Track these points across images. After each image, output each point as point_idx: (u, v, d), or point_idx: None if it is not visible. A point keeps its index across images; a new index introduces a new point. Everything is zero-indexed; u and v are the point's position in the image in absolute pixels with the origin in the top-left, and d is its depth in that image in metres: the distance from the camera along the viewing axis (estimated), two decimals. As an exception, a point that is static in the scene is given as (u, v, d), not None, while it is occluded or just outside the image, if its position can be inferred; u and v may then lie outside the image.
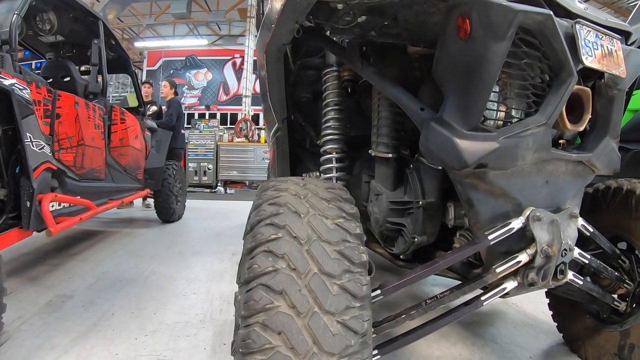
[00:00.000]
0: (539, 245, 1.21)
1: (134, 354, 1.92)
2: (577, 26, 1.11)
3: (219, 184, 9.80)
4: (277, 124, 2.01)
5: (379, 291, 1.16)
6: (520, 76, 1.13)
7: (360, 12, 1.31)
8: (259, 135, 10.52)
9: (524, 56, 1.10)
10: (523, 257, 1.22)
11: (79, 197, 2.89)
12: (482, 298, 1.25)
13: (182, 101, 6.50)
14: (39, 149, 2.43)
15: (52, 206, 2.58)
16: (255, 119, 11.47)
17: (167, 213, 5.00)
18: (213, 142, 9.95)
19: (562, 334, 2.11)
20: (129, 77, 4.76)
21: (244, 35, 13.31)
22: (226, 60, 15.56)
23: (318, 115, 1.98)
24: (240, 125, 10.58)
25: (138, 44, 15.42)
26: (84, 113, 2.97)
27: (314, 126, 2.14)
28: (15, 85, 2.18)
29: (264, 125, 8.09)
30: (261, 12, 1.72)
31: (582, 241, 1.56)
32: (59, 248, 3.74)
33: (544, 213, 1.22)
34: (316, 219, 0.97)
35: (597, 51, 1.12)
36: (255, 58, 11.92)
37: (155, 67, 15.58)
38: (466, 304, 1.28)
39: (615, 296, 1.73)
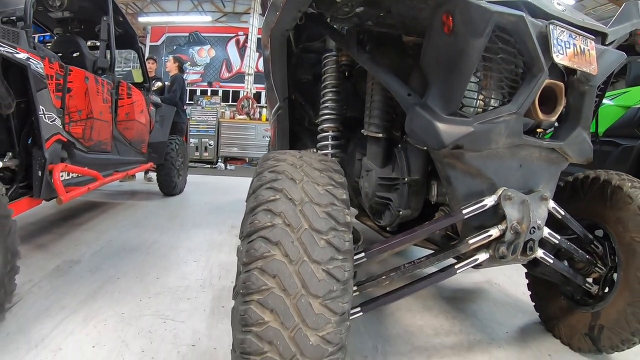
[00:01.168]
0: (509, 222, 1.35)
1: (139, 314, 2.07)
2: (551, 26, 1.22)
3: (219, 160, 9.94)
4: (278, 103, 2.16)
5: (363, 254, 1.30)
6: (496, 69, 1.26)
7: (358, 3, 1.42)
8: (260, 113, 10.60)
9: (500, 51, 1.23)
10: (494, 232, 1.36)
11: (86, 168, 3.02)
12: (456, 267, 1.39)
13: (185, 77, 6.60)
14: (51, 121, 2.54)
15: (62, 176, 2.71)
16: (257, 97, 11.53)
17: (169, 186, 5.14)
18: (215, 119, 10.04)
19: (538, 314, 2.24)
20: (133, 53, 4.85)
21: (249, 13, 13.25)
22: (230, 38, 15.51)
23: (317, 96, 2.09)
24: (242, 103, 10.67)
25: (142, 19, 15.32)
26: (93, 87, 3.08)
27: (313, 106, 2.25)
28: (31, 60, 2.28)
29: (265, 103, 8.18)
30: None
31: (558, 226, 1.70)
32: (64, 218, 3.88)
33: (515, 193, 1.36)
34: (309, 184, 1.10)
35: (569, 50, 1.23)
36: (259, 36, 11.94)
37: (159, 43, 15.52)
38: (441, 270, 1.42)
39: (591, 280, 1.86)
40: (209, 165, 9.67)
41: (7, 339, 1.74)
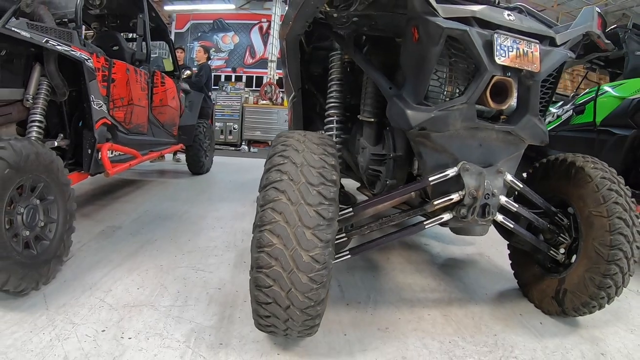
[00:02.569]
0: (467, 189, 1.71)
1: (174, 266, 2.52)
2: (495, 35, 1.57)
3: (243, 143, 10.38)
4: (293, 92, 2.55)
5: (351, 209, 1.70)
6: (452, 69, 1.61)
7: (352, 16, 1.79)
8: (282, 98, 10.95)
9: (453, 56, 1.58)
10: (455, 196, 1.73)
11: (127, 147, 3.48)
12: (425, 223, 1.78)
13: (210, 63, 7.05)
14: (99, 107, 2.97)
15: (108, 153, 3.17)
16: (279, 82, 11.88)
17: (197, 166, 5.63)
18: (239, 104, 10.46)
19: (517, 280, 2.51)
20: (165, 44, 5.26)
21: (271, 0, 13.55)
22: (253, 24, 15.79)
23: (326, 87, 2.47)
24: (265, 89, 11.07)
25: (167, 8, 15.70)
26: (133, 77, 3.52)
27: (323, 95, 2.61)
28: (83, 56, 2.71)
29: (284, 92, 8.59)
30: None
31: (527, 202, 2.05)
32: (103, 192, 4.36)
33: (473, 166, 1.72)
34: (307, 153, 1.52)
35: (511, 53, 1.57)
36: (281, 22, 12.25)
37: (184, 30, 15.87)
38: (413, 225, 1.81)
39: (559, 250, 2.14)
40: (233, 148, 10.13)
41: (64, 284, 2.18)
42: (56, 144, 2.83)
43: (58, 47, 2.49)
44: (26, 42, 2.32)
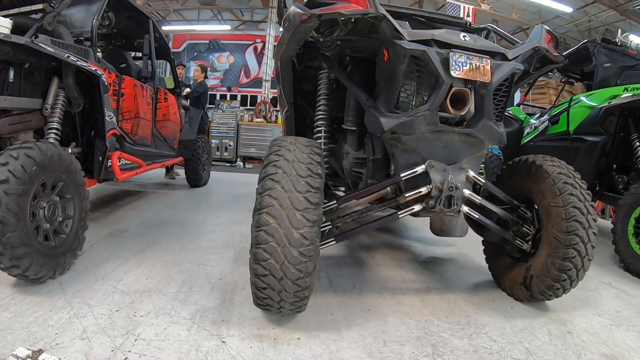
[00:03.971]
0: (434, 183, 2.01)
1: (179, 261, 2.78)
2: (451, 53, 1.87)
3: (238, 159, 10.67)
4: (287, 107, 2.85)
5: (335, 202, 1.99)
6: (415, 84, 1.93)
7: (335, 41, 2.11)
8: (276, 116, 11.30)
9: (418, 72, 1.90)
10: (424, 190, 2.02)
11: (133, 156, 3.75)
12: (399, 213, 2.07)
13: (205, 81, 7.39)
14: (110, 119, 3.23)
15: (117, 161, 3.44)
16: (273, 101, 12.23)
17: (195, 178, 5.90)
18: (234, 122, 10.76)
19: (490, 272, 2.75)
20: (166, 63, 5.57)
21: (265, 22, 14.00)
22: (248, 45, 16.30)
23: (315, 102, 2.77)
24: (260, 107, 11.43)
25: (165, 28, 16.14)
26: (140, 93, 3.81)
27: (313, 109, 2.90)
28: (98, 72, 3.00)
29: (279, 107, 8.94)
30: (282, 1, 2.27)
31: (496, 199, 2.34)
32: (108, 201, 4.60)
33: (438, 164, 2.02)
34: (298, 152, 1.81)
35: (465, 67, 1.87)
36: (275, 44, 12.67)
37: (180, 49, 16.31)
38: (388, 215, 2.10)
39: (527, 241, 2.39)
40: (229, 164, 10.41)
41: (78, 275, 2.42)
42: (70, 151, 3.09)
43: (78, 62, 2.77)
44: (48, 57, 2.59)
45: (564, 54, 4.93)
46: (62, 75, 2.86)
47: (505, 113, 5.27)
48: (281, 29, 2.27)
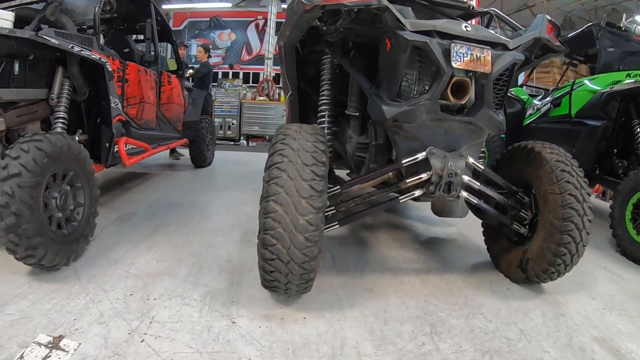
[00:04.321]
0: (434, 169, 2.07)
1: (188, 244, 2.88)
2: (452, 44, 1.90)
3: (242, 138, 10.71)
4: (290, 91, 2.89)
5: (339, 187, 2.06)
6: (417, 73, 1.97)
7: (338, 29, 2.14)
8: (279, 94, 11.26)
9: (417, 63, 1.93)
10: (424, 176, 2.09)
11: (139, 141, 3.82)
12: (400, 198, 2.14)
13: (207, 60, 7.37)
14: (115, 105, 3.29)
15: (124, 147, 3.50)
16: (276, 79, 12.18)
17: (200, 159, 5.98)
18: (237, 100, 10.75)
19: (489, 254, 2.83)
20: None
21: (267, -2, 13.85)
22: (249, 22, 16.09)
23: (319, 86, 2.81)
24: (263, 85, 11.39)
25: (165, 7, 15.86)
26: (144, 78, 3.85)
27: (316, 93, 2.94)
28: (102, 60, 3.04)
29: (282, 91, 8.96)
30: None
31: (495, 184, 2.40)
32: (114, 184, 4.67)
33: (438, 151, 2.08)
34: (303, 141, 1.87)
35: (466, 58, 1.91)
36: (278, 20, 12.53)
37: (181, 28, 16.09)
38: (390, 200, 2.17)
39: (527, 227, 2.44)
40: (232, 143, 10.45)
41: (91, 260, 2.52)
42: (77, 138, 3.15)
43: (82, 52, 2.80)
44: (53, 48, 2.62)
45: (568, 36, 4.93)
46: (66, 64, 2.89)
47: (509, 94, 5.32)
48: (283, 6, 2.30)
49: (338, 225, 2.16)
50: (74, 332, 1.78)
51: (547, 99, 4.96)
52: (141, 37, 5.20)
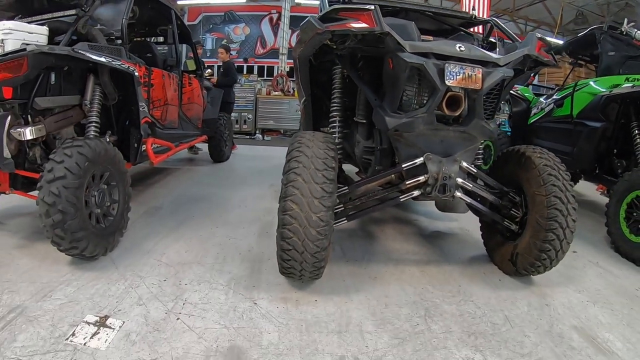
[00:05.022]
0: (430, 172, 2.34)
1: (212, 235, 3.20)
2: (446, 64, 2.15)
3: (257, 132, 11.02)
4: (304, 97, 3.17)
5: (347, 187, 2.36)
6: (415, 89, 2.23)
7: (346, 47, 2.40)
8: (293, 89, 11.51)
9: (416, 80, 2.20)
10: (422, 178, 2.37)
11: (164, 140, 4.13)
12: (400, 197, 2.43)
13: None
14: (142, 108, 3.58)
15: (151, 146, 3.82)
16: (290, 73, 12.42)
17: (218, 154, 6.31)
18: (252, 95, 11.02)
19: (485, 247, 3.07)
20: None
21: (282, -8, 14.03)
22: (263, 16, 16.31)
23: (331, 92, 3.06)
24: (277, 80, 11.68)
25: (180, 2, 16.04)
26: (167, 81, 4.16)
27: (328, 98, 3.19)
28: (131, 68, 3.33)
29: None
30: None
31: (490, 186, 2.66)
32: (139, 179, 4.99)
33: (434, 156, 2.35)
34: (315, 148, 2.17)
35: (458, 76, 2.15)
36: (292, 14, 12.76)
37: (196, 22, 16.30)
38: (391, 198, 2.46)
39: (518, 224, 2.68)
40: (248, 137, 10.76)
41: (125, 251, 2.84)
42: (107, 139, 3.45)
43: (113, 62, 3.09)
44: (87, 60, 2.88)
45: (571, 39, 5.09)
46: (97, 72, 3.15)
47: (514, 93, 5.52)
48: (297, 0, 2.53)
49: (346, 221, 2.47)
50: (118, 312, 2.10)
51: (551, 99, 5.14)
52: (161, 39, 5.51)
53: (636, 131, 3.86)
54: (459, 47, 2.23)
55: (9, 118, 2.60)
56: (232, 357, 1.79)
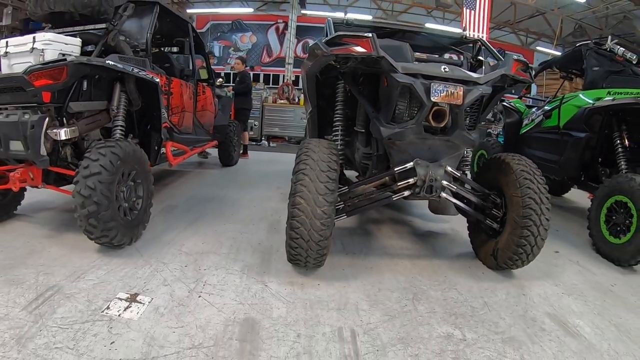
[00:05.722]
0: (418, 175, 2.70)
1: (225, 230, 3.54)
2: (432, 83, 2.50)
3: (263, 138, 11.42)
4: (311, 108, 3.53)
5: (347, 187, 2.72)
6: (406, 103, 2.59)
7: (348, 67, 2.75)
8: (298, 97, 11.93)
9: (407, 96, 2.56)
10: (411, 180, 2.72)
11: (181, 144, 4.50)
12: (393, 196, 2.78)
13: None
14: (163, 114, 3.96)
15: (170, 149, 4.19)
16: (296, 82, 12.85)
17: (228, 159, 6.69)
18: (259, 103, 11.41)
19: (472, 245, 3.38)
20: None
21: (287, 2, 14.46)
22: (270, 25, 16.80)
23: (334, 104, 3.42)
24: (283, 89, 12.09)
25: (189, 10, 16.54)
26: (184, 90, 4.54)
27: (332, 109, 3.53)
28: (155, 79, 3.68)
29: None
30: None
31: (477, 191, 3.00)
32: (155, 181, 5.20)
33: (422, 162, 2.70)
34: (320, 154, 2.53)
35: (442, 94, 2.50)
36: (298, 24, 13.19)
37: (204, 30, 16.76)
38: (385, 197, 2.82)
39: (499, 223, 3.00)
40: (254, 143, 11.14)
41: (148, 242, 3.18)
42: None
43: (140, 73, 3.46)
44: (117, 70, 3.22)
45: (560, 55, 5.43)
46: (123, 81, 3.47)
47: (508, 105, 5.88)
48: (303, 11, 2.86)
49: (346, 216, 2.83)
50: (146, 290, 2.43)
51: (540, 110, 5.47)
52: (175, 49, 5.90)
53: (618, 141, 4.16)
54: (444, 69, 2.59)
55: (47, 120, 2.92)
56: (247, 326, 2.13)
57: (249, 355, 1.90)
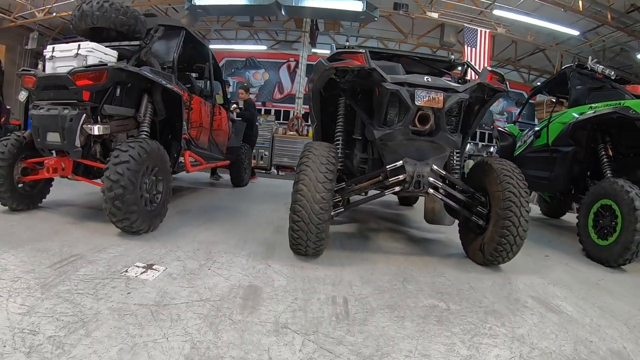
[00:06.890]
0: (407, 172, 3.03)
1: (234, 229, 3.86)
2: (416, 90, 2.89)
3: (272, 167, 11.89)
4: (316, 122, 3.93)
5: (344, 184, 3.07)
6: (396, 109, 2.98)
7: (347, 80, 3.17)
8: (307, 130, 12.48)
9: (396, 102, 2.95)
10: (401, 177, 3.05)
11: (196, 155, 4.90)
12: (385, 191, 3.12)
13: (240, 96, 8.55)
14: (184, 126, 4.37)
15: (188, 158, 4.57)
16: (305, 116, 13.40)
17: (239, 179, 7.07)
18: (269, 134, 11.99)
19: (461, 243, 3.61)
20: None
21: (299, 42, 15.21)
22: (282, 63, 17.61)
23: (336, 118, 3.81)
24: (293, 122, 12.68)
25: (206, 46, 17.39)
26: (204, 108, 4.99)
27: (334, 124, 3.91)
28: (179, 92, 4.11)
29: (310, 122, 10.15)
30: (314, 26, 3.44)
31: (464, 192, 3.31)
32: (171, 194, 5.74)
33: (411, 160, 3.04)
34: (321, 154, 2.88)
35: (425, 98, 2.88)
36: (309, 62, 13.86)
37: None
38: (379, 194, 3.16)
39: (484, 220, 3.28)
40: (264, 171, 11.61)
41: (164, 233, 3.47)
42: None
43: (167, 85, 3.88)
44: (146, 79, 3.66)
45: (548, 79, 5.85)
46: (150, 92, 3.88)
47: (502, 129, 6.24)
48: (313, 50, 3.25)
49: (343, 210, 3.18)
50: (161, 262, 2.74)
51: (531, 131, 5.82)
52: (194, 74, 6.39)
53: (602, 152, 4.45)
54: (426, 79, 3.00)
55: (84, 116, 3.33)
56: (251, 290, 2.42)
57: (250, 309, 2.18)
